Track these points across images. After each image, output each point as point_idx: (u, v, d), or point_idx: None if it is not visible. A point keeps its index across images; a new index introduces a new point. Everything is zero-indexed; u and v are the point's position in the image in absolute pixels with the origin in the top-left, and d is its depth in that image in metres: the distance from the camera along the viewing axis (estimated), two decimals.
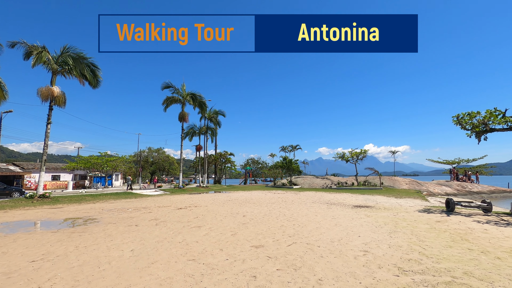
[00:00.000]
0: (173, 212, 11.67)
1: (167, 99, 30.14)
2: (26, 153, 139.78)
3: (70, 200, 16.92)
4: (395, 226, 8.22)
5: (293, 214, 10.80)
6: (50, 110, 17.97)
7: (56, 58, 18.52)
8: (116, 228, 7.89)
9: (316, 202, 15.59)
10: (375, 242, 6.15)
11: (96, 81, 20.05)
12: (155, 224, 8.65)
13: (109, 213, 11.47)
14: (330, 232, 7.28)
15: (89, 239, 6.56)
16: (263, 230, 7.51)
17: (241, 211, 11.94)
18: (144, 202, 16.49)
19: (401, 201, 16.82)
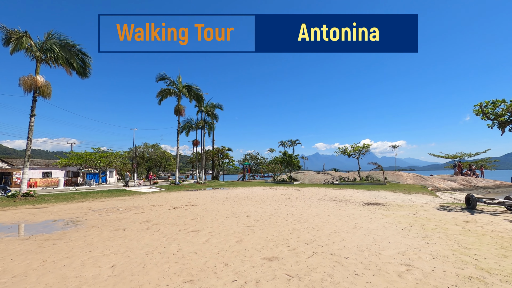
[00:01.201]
0: (168, 212, 10.49)
1: (161, 91, 28.66)
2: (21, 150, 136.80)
3: (57, 199, 15.64)
4: (422, 228, 7.15)
5: (302, 214, 9.69)
6: (33, 101, 16.52)
7: (40, 45, 17.01)
8: (99, 234, 6.69)
9: (323, 199, 14.52)
10: (412, 251, 5.06)
11: (85, 71, 18.61)
12: (146, 227, 7.47)
13: (96, 214, 10.26)
14: (353, 237, 6.17)
15: (63, 249, 5.36)
16: (273, 235, 6.38)
17: (243, 210, 10.81)
18: (137, 200, 15.27)
19: (411, 197, 15.84)
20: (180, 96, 29.28)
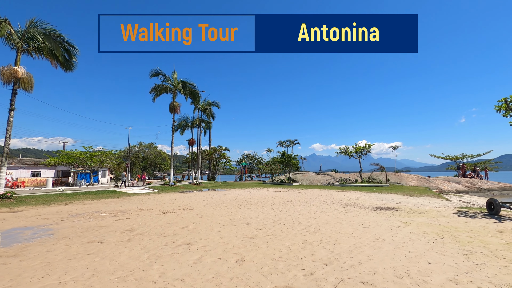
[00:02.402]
0: (157, 218, 9.24)
1: (155, 87, 27.28)
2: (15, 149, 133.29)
3: (38, 201, 14.27)
4: (456, 240, 6.02)
5: (310, 221, 8.51)
6: (13, 94, 15.11)
7: (21, 33, 15.62)
8: (67, 249, 5.43)
9: (328, 203, 13.38)
10: (464, 277, 3.91)
11: (69, 64, 17.21)
12: (127, 239, 6.22)
13: (74, 220, 8.97)
14: (380, 253, 5.01)
15: (10, 274, 4.10)
16: (281, 251, 5.18)
17: (242, 216, 9.61)
18: (125, 203, 13.97)
19: (421, 200, 14.78)
20: (175, 92, 27.96)
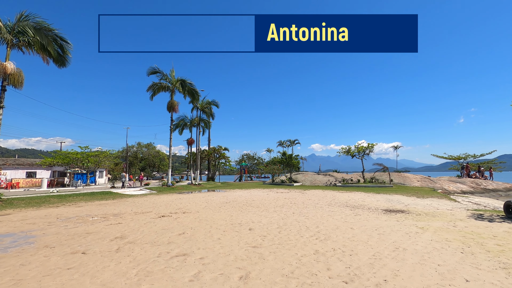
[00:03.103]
0: (152, 222, 8.54)
1: (153, 85, 26.52)
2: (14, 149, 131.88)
3: (28, 203, 13.54)
4: (485, 250, 5.35)
5: (318, 226, 7.83)
6: (2, 91, 14.37)
7: (10, 27, 14.89)
8: (44, 262, 4.72)
9: (333, 205, 12.71)
10: None
11: (63, 59, 16.49)
12: (116, 249, 5.52)
13: (61, 225, 8.25)
14: (406, 267, 4.33)
15: None
16: (291, 264, 4.50)
17: (244, 220, 8.92)
18: (120, 206, 13.25)
19: (429, 202, 14.15)
20: (173, 91, 27.22)
